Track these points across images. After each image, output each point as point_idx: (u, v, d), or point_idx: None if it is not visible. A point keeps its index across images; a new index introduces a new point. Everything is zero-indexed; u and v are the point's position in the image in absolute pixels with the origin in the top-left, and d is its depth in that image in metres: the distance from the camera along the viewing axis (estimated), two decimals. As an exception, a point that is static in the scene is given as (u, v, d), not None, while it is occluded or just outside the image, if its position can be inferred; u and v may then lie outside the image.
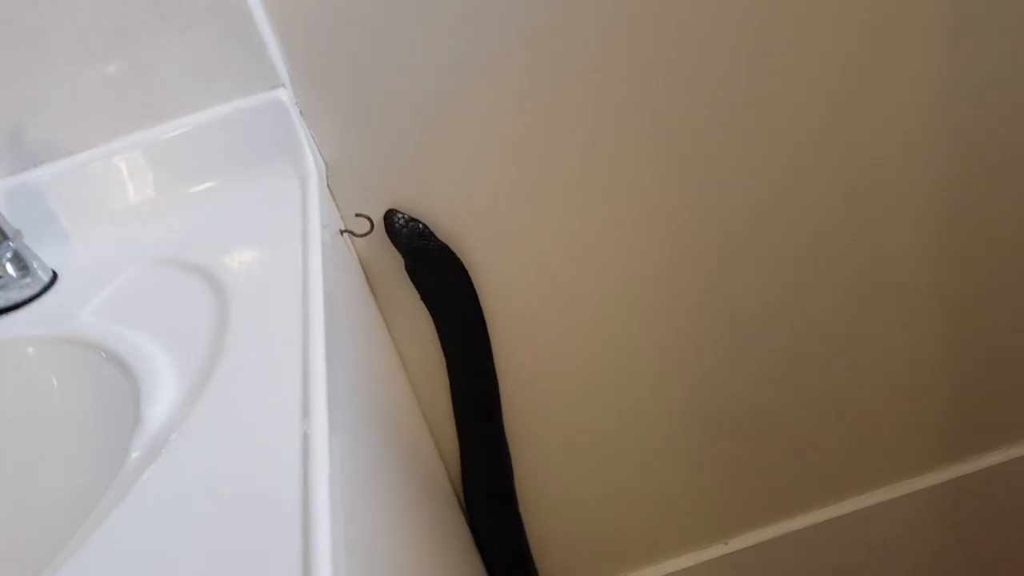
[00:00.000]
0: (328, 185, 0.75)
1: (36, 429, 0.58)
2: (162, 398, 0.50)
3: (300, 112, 0.71)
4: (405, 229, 0.77)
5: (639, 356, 0.90)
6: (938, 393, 0.99)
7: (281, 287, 0.56)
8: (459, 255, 0.80)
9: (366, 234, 0.76)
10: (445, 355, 0.86)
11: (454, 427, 0.91)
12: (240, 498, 0.41)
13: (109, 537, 0.42)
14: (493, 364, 0.87)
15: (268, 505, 0.40)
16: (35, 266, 0.65)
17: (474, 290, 0.82)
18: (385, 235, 0.78)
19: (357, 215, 0.76)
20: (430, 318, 0.84)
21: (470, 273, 0.81)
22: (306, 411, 0.45)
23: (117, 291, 0.62)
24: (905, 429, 1.00)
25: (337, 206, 0.77)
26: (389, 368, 0.82)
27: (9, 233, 0.63)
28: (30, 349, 0.59)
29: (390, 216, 0.77)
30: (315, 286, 0.55)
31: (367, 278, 0.81)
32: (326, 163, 0.74)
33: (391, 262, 0.80)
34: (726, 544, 1.05)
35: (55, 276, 0.66)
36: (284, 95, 0.69)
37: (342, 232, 0.75)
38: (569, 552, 1.03)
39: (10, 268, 0.63)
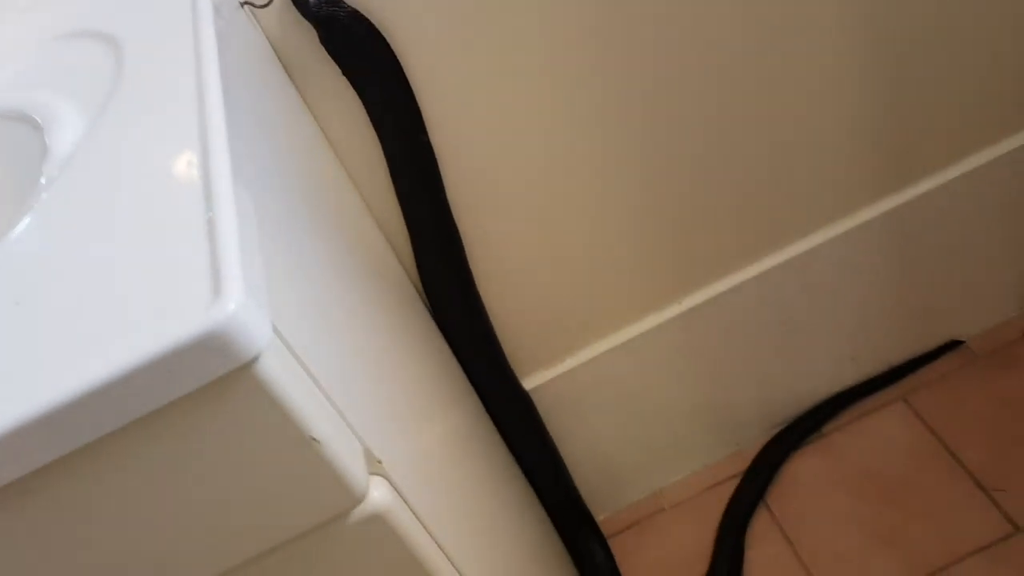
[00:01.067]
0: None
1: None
2: (65, 132, 0.51)
3: None
4: (312, -1, 0.76)
5: (583, 116, 0.90)
6: (868, 128, 1.01)
7: (175, 43, 0.56)
8: (373, 20, 0.79)
9: (266, 4, 0.75)
10: (377, 132, 0.85)
11: (398, 208, 0.91)
12: (146, 206, 0.42)
13: (18, 241, 0.43)
14: (427, 136, 0.86)
15: (172, 211, 0.41)
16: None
17: (395, 57, 0.81)
18: (294, 10, 0.77)
19: (254, -12, 0.75)
20: (356, 95, 0.83)
21: (388, 39, 0.80)
22: (202, 121, 0.46)
23: (20, 68, 0.62)
24: (839, 164, 1.02)
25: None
26: (313, 150, 0.81)
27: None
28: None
29: (297, -15, 0.76)
30: (207, 37, 0.55)
31: (280, 59, 0.80)
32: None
33: (306, 38, 0.79)
34: (679, 304, 1.08)
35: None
36: None
37: (242, 4, 0.74)
38: (531, 330, 1.06)
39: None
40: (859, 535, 1.10)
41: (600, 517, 1.25)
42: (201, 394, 0.34)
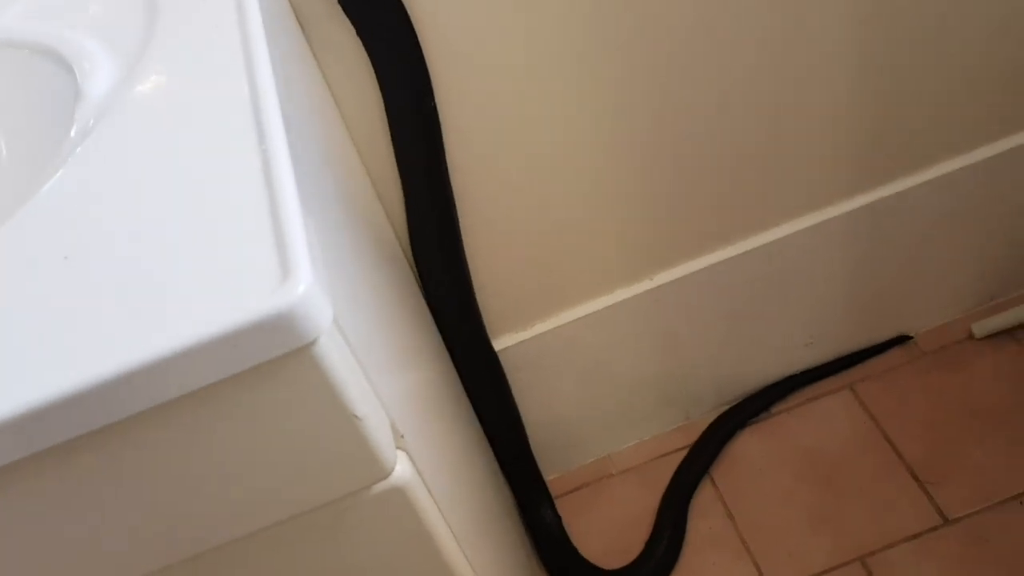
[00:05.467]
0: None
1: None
2: (99, 75, 0.50)
3: None
4: (329, -44, 0.76)
5: (579, 94, 0.91)
6: (846, 127, 1.04)
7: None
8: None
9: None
10: (383, 92, 0.85)
11: (395, 171, 0.92)
12: (196, 163, 0.42)
13: (55, 195, 0.43)
14: (433, 100, 0.87)
15: (225, 172, 0.42)
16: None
17: (409, 20, 0.81)
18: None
19: (277, -67, 0.74)
20: (367, 57, 0.83)
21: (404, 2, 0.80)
22: (251, 77, 0.46)
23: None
24: (816, 161, 1.05)
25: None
26: (321, 104, 0.82)
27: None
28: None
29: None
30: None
31: (296, 14, 0.79)
32: None
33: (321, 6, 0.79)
34: (651, 280, 1.11)
35: (-33, -8, 0.64)
36: None
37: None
38: (505, 294, 1.07)
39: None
40: (797, 514, 1.15)
41: (550, 477, 1.28)
42: (257, 370, 0.35)
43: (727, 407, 1.26)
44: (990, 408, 1.19)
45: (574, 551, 1.16)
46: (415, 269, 0.99)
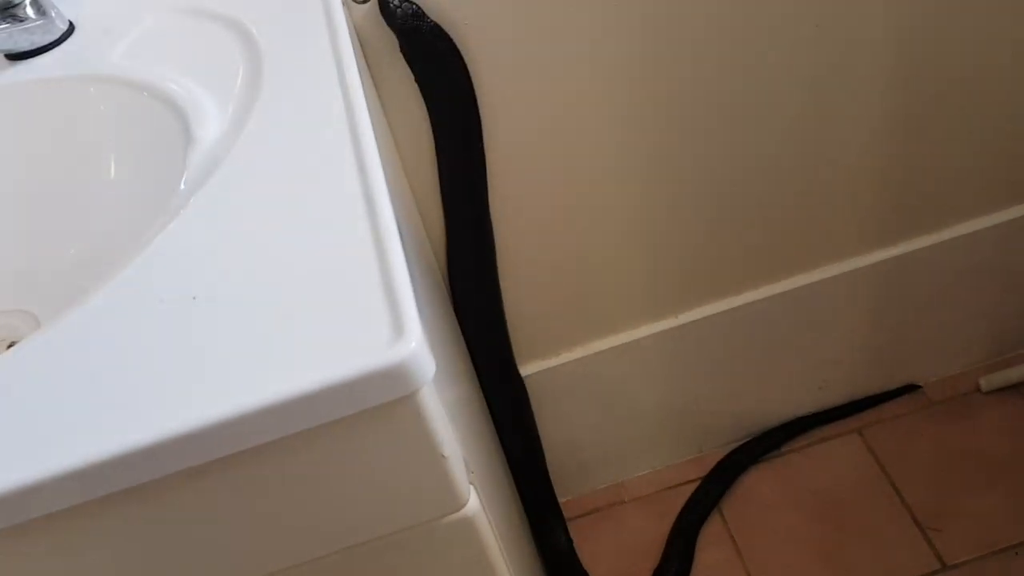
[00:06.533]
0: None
1: (81, 163, 0.63)
2: (209, 123, 0.55)
3: None
4: (399, 9, 0.81)
5: (617, 140, 0.96)
6: (876, 184, 1.09)
7: (308, 34, 0.60)
8: (451, 35, 0.84)
9: (365, 1, 0.79)
10: (435, 135, 0.90)
11: (440, 206, 0.97)
12: (308, 216, 0.47)
13: (180, 237, 0.47)
14: (482, 143, 0.92)
15: (333, 214, 0.46)
16: (52, 13, 0.67)
17: (466, 70, 0.86)
18: (379, 14, 0.81)
19: (357, -20, 0.79)
20: (422, 101, 0.88)
21: (463, 53, 0.85)
22: (355, 137, 0.51)
23: (142, 37, 0.65)
24: (844, 214, 1.10)
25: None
26: (385, 140, 0.86)
27: (28, -22, 0.65)
28: (67, 87, 0.62)
29: (385, -2, 0.80)
30: (343, 34, 0.60)
31: (363, 54, 0.84)
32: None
33: (385, 41, 0.84)
34: (676, 318, 1.16)
35: (72, 25, 0.69)
36: None
37: (343, -4, 0.78)
38: (534, 323, 1.12)
39: (31, 11, 0.66)
40: (802, 551, 1.19)
41: (562, 499, 1.32)
42: (365, 414, 0.40)
43: (740, 443, 1.31)
44: (993, 459, 1.23)
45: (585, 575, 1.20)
46: (450, 294, 1.03)
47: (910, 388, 1.32)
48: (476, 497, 0.49)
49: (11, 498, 0.37)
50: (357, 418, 0.39)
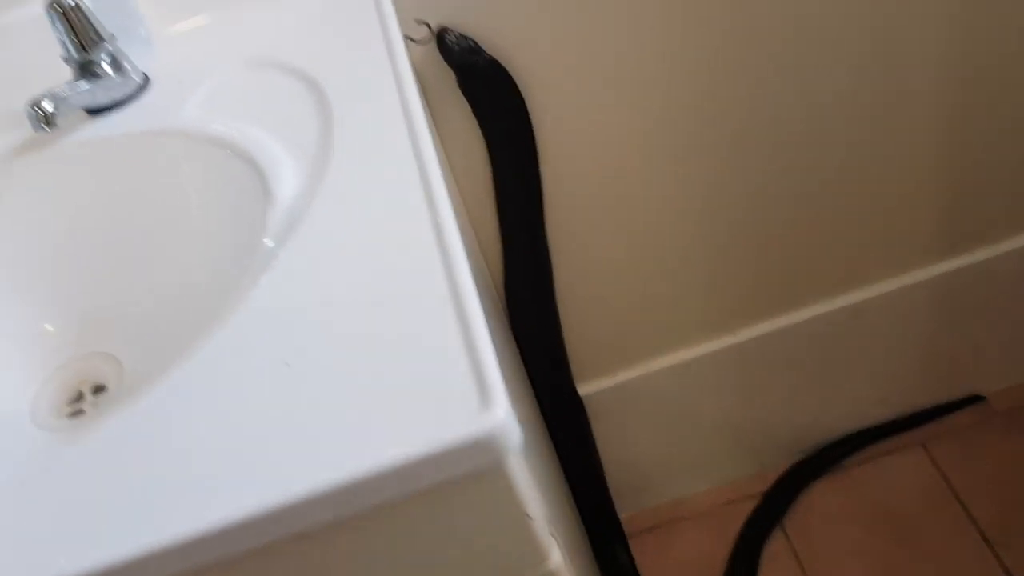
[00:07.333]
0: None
1: (160, 214, 0.64)
2: (286, 179, 0.56)
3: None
4: (457, 47, 0.82)
5: (675, 159, 0.97)
6: (932, 195, 1.08)
7: (374, 84, 0.62)
8: (507, 67, 0.85)
9: (424, 41, 0.80)
10: (493, 164, 0.92)
11: (498, 232, 0.98)
12: (390, 279, 0.48)
13: (269, 298, 0.49)
14: (539, 169, 0.93)
15: (414, 275, 0.47)
16: (128, 68, 0.69)
17: (523, 101, 0.87)
18: (437, 52, 0.82)
19: (417, 21, 0.80)
20: (479, 132, 0.89)
21: (519, 85, 0.86)
22: (428, 194, 0.52)
23: (214, 89, 0.67)
24: (903, 228, 1.09)
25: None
26: (446, 172, 0.88)
27: (104, 35, 0.67)
28: (146, 141, 0.64)
29: (443, 34, 0.81)
30: (408, 83, 0.61)
31: (422, 88, 0.86)
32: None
33: (442, 76, 0.85)
34: (734, 335, 1.15)
35: (147, 78, 0.71)
36: (352, -99, 0.72)
37: (405, 37, 0.79)
38: (593, 342, 1.13)
39: (108, 68, 0.67)
40: (867, 567, 1.18)
41: (622, 515, 1.32)
42: (452, 482, 0.41)
43: (801, 458, 1.30)
44: (1061, 471, 1.21)
45: (648, 593, 1.21)
46: (508, 318, 1.04)
47: (974, 399, 1.30)
48: (558, 550, 0.49)
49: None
50: (446, 485, 0.40)
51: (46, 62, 0.70)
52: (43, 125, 0.61)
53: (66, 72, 0.67)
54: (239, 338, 0.46)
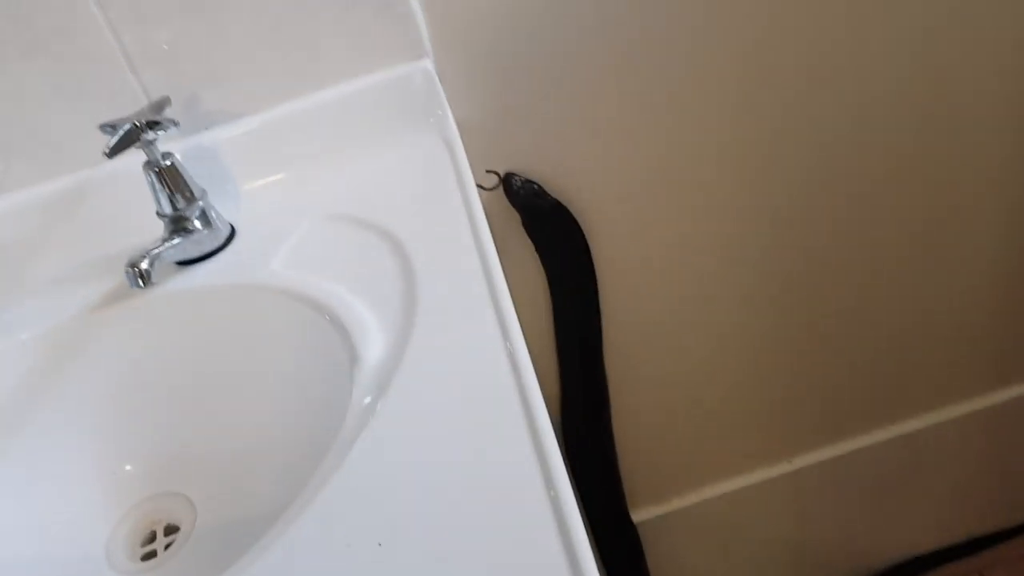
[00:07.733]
0: (460, 145, 0.83)
1: (242, 366, 0.67)
2: (373, 341, 0.58)
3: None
4: (522, 190, 0.86)
5: (725, 301, 0.99)
6: (989, 323, 1.08)
7: (452, 238, 0.64)
8: (571, 210, 0.88)
9: (494, 188, 0.84)
10: (553, 297, 0.94)
11: (555, 362, 1.00)
12: (473, 441, 0.49)
13: (363, 463, 0.50)
14: (599, 302, 0.95)
15: (503, 448, 0.48)
16: (216, 221, 0.73)
17: (585, 241, 0.90)
18: (502, 194, 0.86)
19: (487, 171, 0.84)
20: (541, 270, 0.92)
21: (581, 225, 0.89)
22: (511, 354, 0.53)
23: (298, 244, 0.70)
24: (957, 358, 1.10)
25: (466, 163, 0.84)
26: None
27: (197, 193, 0.71)
28: (233, 295, 0.67)
29: (508, 179, 0.85)
30: (485, 236, 0.63)
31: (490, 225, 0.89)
32: (457, 125, 0.82)
33: (505, 217, 0.88)
34: (790, 463, 1.15)
35: (233, 230, 0.74)
36: (429, 64, 0.76)
37: (478, 186, 0.83)
38: (645, 470, 1.13)
39: (198, 223, 0.71)
40: None
41: (676, 640, 1.31)
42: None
43: (856, 584, 1.28)
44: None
45: None
46: (563, 443, 1.05)
47: (1032, 527, 1.28)
48: None
49: None
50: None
51: (138, 211, 0.74)
52: (139, 282, 0.64)
53: (157, 222, 0.71)
54: (329, 515, 0.48)
